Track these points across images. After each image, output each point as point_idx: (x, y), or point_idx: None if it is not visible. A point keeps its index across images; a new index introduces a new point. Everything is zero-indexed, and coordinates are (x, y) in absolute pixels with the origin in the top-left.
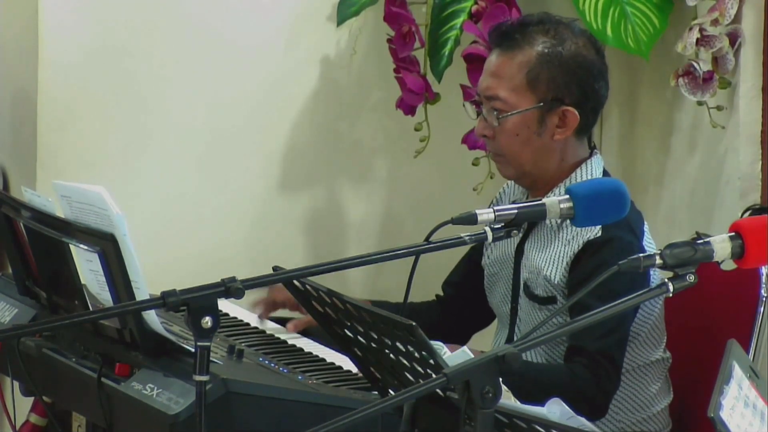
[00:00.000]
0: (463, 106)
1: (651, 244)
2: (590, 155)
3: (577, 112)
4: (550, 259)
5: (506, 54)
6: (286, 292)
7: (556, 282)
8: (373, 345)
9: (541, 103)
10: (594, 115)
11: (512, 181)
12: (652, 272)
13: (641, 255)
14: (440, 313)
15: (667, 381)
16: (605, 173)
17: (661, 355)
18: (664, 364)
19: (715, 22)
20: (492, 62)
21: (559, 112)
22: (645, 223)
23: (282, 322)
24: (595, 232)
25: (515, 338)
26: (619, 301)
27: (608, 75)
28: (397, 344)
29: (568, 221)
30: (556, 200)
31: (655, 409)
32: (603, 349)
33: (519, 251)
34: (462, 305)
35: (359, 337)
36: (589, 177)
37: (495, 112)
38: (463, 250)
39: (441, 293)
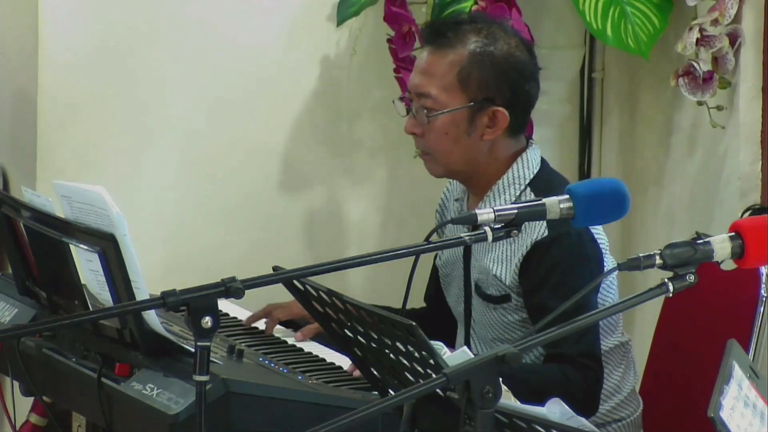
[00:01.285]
0: (393, 102)
1: (598, 230)
2: (526, 147)
3: (507, 113)
4: (497, 258)
5: (438, 52)
6: (290, 309)
7: (507, 283)
8: (373, 345)
9: (472, 103)
10: (524, 115)
11: (455, 180)
12: (605, 258)
13: (641, 255)
14: (427, 324)
15: (631, 362)
16: (543, 162)
17: (620, 340)
18: (624, 347)
19: (715, 22)
20: (423, 60)
21: (489, 113)
22: None
23: (287, 324)
24: (541, 231)
25: (471, 340)
26: (616, 303)
27: (539, 76)
28: (397, 344)
29: None
30: (556, 200)
31: (623, 394)
32: (584, 350)
33: (467, 252)
34: (442, 314)
35: (359, 337)
36: (526, 170)
37: (425, 111)
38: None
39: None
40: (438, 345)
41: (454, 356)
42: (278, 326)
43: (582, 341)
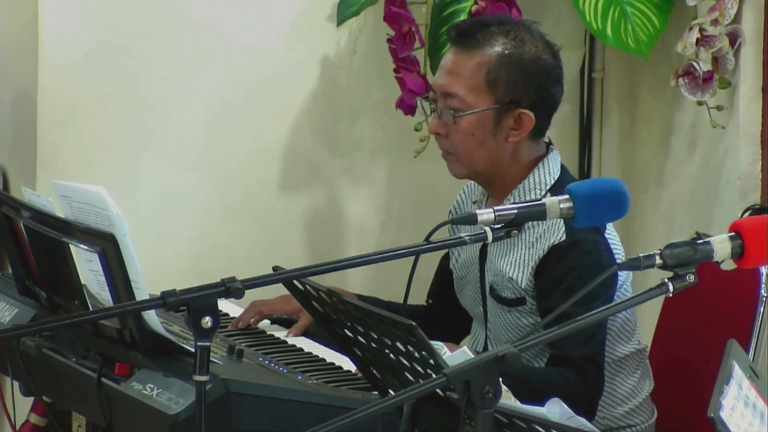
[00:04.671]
0: (417, 101)
1: (613, 236)
2: (546, 152)
3: (532, 115)
4: (513, 262)
5: (465, 53)
6: (273, 305)
7: (523, 286)
8: (373, 345)
9: (498, 105)
10: (548, 118)
11: (472, 182)
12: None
13: (641, 255)
14: (427, 322)
15: (647, 369)
16: (563, 169)
17: (636, 347)
18: (640, 354)
19: (715, 22)
20: (450, 60)
21: (515, 115)
22: None
23: (284, 324)
24: (558, 235)
25: (488, 340)
26: (615, 303)
27: (563, 80)
28: (397, 344)
29: (529, 224)
30: (556, 200)
31: (638, 400)
32: (587, 355)
33: (483, 254)
34: (445, 313)
35: (359, 337)
36: (548, 175)
37: (451, 111)
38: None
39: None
40: (438, 345)
41: (454, 356)
42: (275, 325)
43: (586, 347)
